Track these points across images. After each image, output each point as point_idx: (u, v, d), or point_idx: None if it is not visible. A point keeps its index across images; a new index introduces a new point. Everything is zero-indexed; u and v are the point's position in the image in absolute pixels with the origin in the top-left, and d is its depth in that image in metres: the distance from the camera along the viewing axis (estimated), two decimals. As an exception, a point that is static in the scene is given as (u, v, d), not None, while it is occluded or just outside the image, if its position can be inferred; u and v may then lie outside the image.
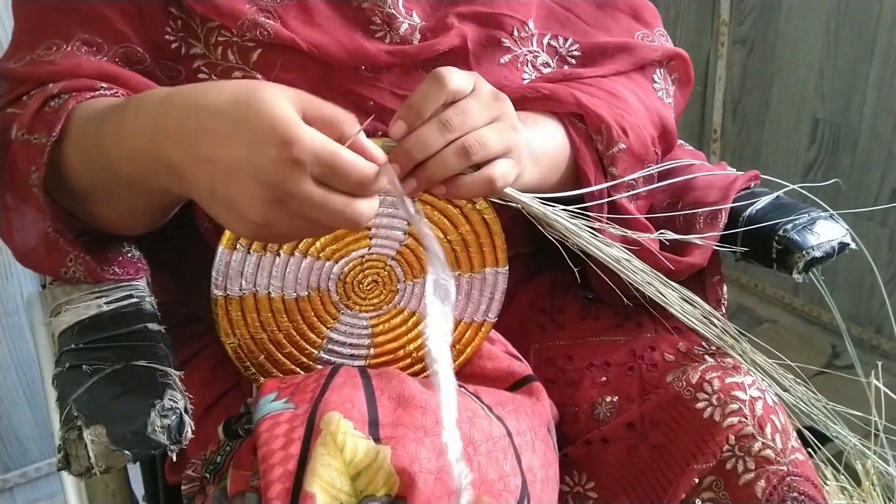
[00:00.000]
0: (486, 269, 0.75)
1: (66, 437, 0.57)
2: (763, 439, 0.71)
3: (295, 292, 0.68)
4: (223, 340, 0.69)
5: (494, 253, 0.74)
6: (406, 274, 0.72)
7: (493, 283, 0.75)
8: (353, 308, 0.72)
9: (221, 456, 0.71)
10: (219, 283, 0.66)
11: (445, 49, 0.78)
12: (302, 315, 0.70)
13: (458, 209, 0.71)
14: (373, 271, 0.71)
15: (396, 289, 0.73)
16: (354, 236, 0.69)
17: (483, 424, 0.65)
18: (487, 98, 0.65)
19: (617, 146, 0.79)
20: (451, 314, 0.59)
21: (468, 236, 0.72)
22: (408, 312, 0.74)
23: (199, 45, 0.75)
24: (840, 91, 1.82)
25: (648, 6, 0.93)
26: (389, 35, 0.78)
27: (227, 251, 0.65)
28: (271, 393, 0.66)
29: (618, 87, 0.84)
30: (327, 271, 0.69)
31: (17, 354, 1.53)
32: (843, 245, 0.83)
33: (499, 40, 0.82)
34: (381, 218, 0.69)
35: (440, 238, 0.71)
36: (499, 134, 0.64)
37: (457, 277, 0.74)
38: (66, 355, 0.63)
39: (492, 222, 0.73)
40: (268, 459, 0.60)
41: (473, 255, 0.74)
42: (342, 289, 0.70)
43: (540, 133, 0.76)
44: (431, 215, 0.70)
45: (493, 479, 0.62)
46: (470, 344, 0.77)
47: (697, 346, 0.81)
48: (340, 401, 0.62)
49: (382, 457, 0.59)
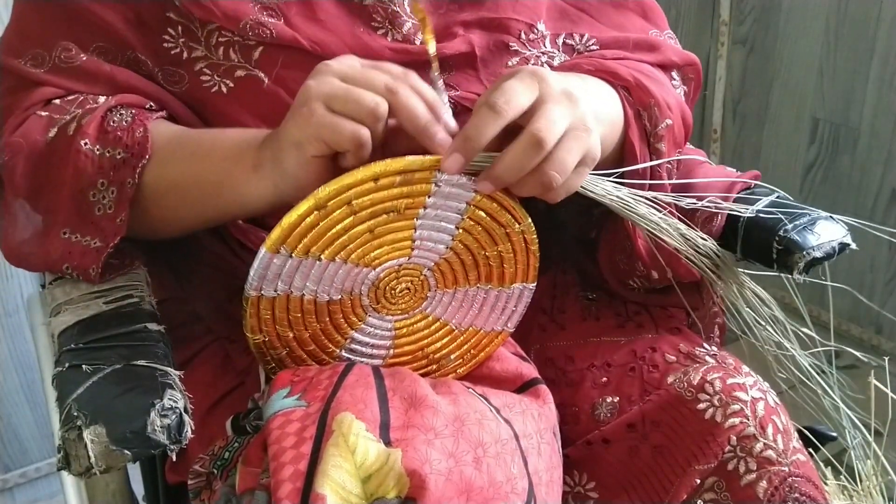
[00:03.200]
0: (516, 284, 0.74)
1: (66, 437, 0.57)
2: (764, 440, 0.71)
3: (328, 296, 0.68)
4: (248, 336, 0.68)
5: (527, 270, 0.74)
6: (439, 283, 0.72)
7: (519, 297, 0.75)
8: (380, 311, 0.71)
9: (230, 452, 0.71)
10: (255, 285, 0.65)
11: (452, 53, 0.78)
12: (330, 316, 0.69)
13: (503, 227, 0.70)
14: (407, 279, 0.70)
15: (426, 296, 0.72)
16: (397, 245, 0.68)
17: (492, 426, 0.65)
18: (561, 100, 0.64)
19: (665, 122, 0.79)
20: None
21: (506, 254, 0.72)
22: (432, 318, 0.74)
23: (201, 48, 0.75)
24: (840, 91, 1.82)
25: (656, 8, 0.93)
26: (392, 33, 0.78)
27: (270, 255, 0.64)
28: (284, 388, 0.66)
29: (652, 70, 0.84)
30: (363, 277, 0.68)
31: (17, 354, 1.53)
32: (843, 245, 0.83)
33: (506, 44, 0.82)
34: (426, 231, 0.68)
35: (479, 253, 0.71)
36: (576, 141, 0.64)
37: (486, 290, 0.73)
38: (66, 355, 0.63)
39: (531, 242, 0.72)
40: (279, 458, 0.60)
41: (507, 270, 0.73)
42: (374, 293, 0.70)
43: (600, 96, 0.76)
44: (476, 231, 0.69)
45: (501, 481, 0.62)
46: (485, 350, 0.77)
47: (699, 347, 0.81)
48: (353, 401, 0.62)
49: (393, 460, 0.58)
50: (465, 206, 0.67)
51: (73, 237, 0.71)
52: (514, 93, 0.62)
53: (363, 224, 0.65)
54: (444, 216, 0.67)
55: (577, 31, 0.86)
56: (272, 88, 0.75)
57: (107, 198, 0.70)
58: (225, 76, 0.75)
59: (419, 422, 0.62)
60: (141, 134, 0.71)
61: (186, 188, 0.71)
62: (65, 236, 0.71)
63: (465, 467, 0.60)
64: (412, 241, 0.68)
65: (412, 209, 0.65)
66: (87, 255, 0.71)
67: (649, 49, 0.87)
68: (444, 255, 0.70)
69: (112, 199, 0.70)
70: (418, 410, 0.63)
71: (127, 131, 0.71)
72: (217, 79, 0.75)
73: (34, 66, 0.75)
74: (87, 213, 0.70)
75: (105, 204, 0.70)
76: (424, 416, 0.62)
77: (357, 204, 0.63)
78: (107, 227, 0.70)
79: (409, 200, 0.65)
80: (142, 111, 0.73)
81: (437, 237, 0.68)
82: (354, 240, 0.65)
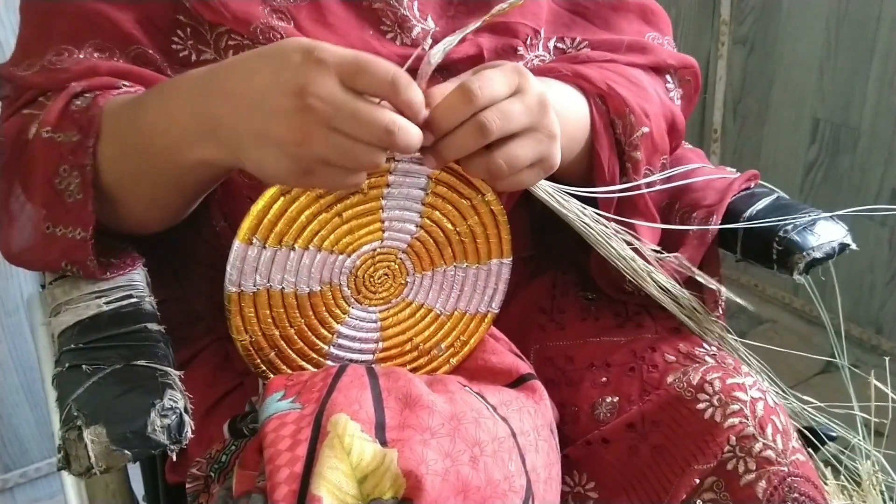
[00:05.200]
0: (492, 259, 0.76)
1: (66, 437, 0.57)
2: (764, 440, 0.71)
3: (308, 287, 0.69)
4: (235, 338, 0.68)
5: (500, 244, 0.75)
6: (416, 266, 0.73)
7: (498, 273, 0.77)
8: (363, 302, 0.72)
9: (227, 455, 0.71)
10: (233, 279, 0.66)
11: (461, 56, 0.78)
12: (314, 310, 0.70)
13: (468, 201, 0.72)
14: (384, 264, 0.72)
15: (406, 281, 0.73)
16: (368, 229, 0.69)
17: (488, 425, 0.65)
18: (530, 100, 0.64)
19: (640, 130, 0.79)
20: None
21: (476, 228, 0.73)
22: (416, 305, 0.75)
23: (210, 51, 0.75)
24: (840, 91, 1.82)
25: (660, 12, 0.92)
26: (400, 37, 0.78)
27: (244, 246, 0.65)
28: (277, 392, 0.66)
29: (637, 74, 0.84)
30: (340, 265, 0.70)
31: (17, 354, 1.53)
32: (843, 245, 0.83)
33: (514, 48, 0.82)
34: (393, 210, 0.69)
35: (449, 230, 0.72)
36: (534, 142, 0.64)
37: (464, 269, 0.75)
38: (66, 355, 0.63)
39: (499, 213, 0.74)
40: (274, 460, 0.60)
41: (480, 246, 0.75)
42: (353, 283, 0.71)
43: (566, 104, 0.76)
44: (442, 207, 0.71)
45: (499, 480, 0.62)
46: (474, 335, 0.78)
47: (698, 347, 0.81)
48: (348, 402, 0.62)
49: (389, 460, 0.59)
50: (427, 181, 0.69)
51: (56, 230, 0.69)
52: (491, 82, 0.62)
53: (331, 210, 0.67)
54: (407, 193, 0.69)
55: (570, 35, 0.86)
56: None
57: (72, 184, 0.67)
58: None
59: (415, 422, 0.62)
60: (92, 112, 0.67)
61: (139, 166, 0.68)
62: (49, 231, 0.69)
63: (462, 467, 0.61)
64: (381, 223, 0.70)
65: (375, 188, 0.68)
66: (77, 248, 0.69)
67: (641, 51, 0.87)
68: (415, 234, 0.72)
69: (77, 185, 0.67)
70: (413, 410, 0.63)
71: (82, 112, 0.68)
72: None
73: (25, 71, 0.74)
74: (60, 203, 0.68)
75: (72, 190, 0.68)
76: (420, 416, 0.62)
77: None
78: (82, 214, 0.68)
79: (371, 180, 0.67)
80: (106, 91, 0.70)
81: (405, 217, 0.70)
82: (324, 225, 0.67)
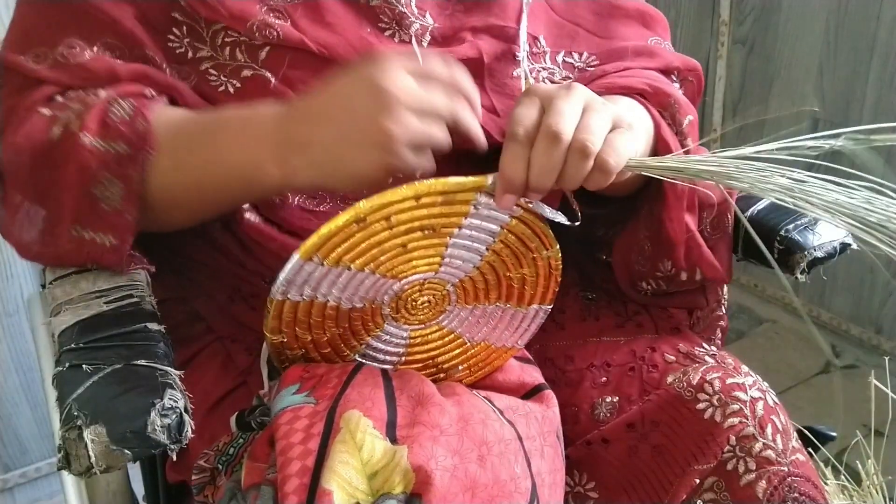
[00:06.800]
0: (533, 305, 0.75)
1: (67, 437, 0.57)
2: (764, 440, 0.71)
3: (351, 303, 0.68)
4: (268, 336, 0.68)
5: (546, 293, 0.74)
6: (459, 299, 0.72)
7: (534, 317, 0.76)
8: (399, 321, 0.71)
9: (234, 448, 0.71)
10: (282, 289, 0.65)
11: (460, 58, 0.77)
12: (350, 323, 0.70)
13: (531, 252, 0.70)
14: (430, 293, 0.70)
15: (445, 309, 0.72)
16: (427, 261, 0.68)
17: (495, 426, 0.65)
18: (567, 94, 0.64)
19: (686, 118, 0.78)
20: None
21: (529, 278, 0.72)
22: (447, 331, 0.74)
23: (206, 48, 0.75)
24: (840, 91, 1.82)
25: (660, 18, 0.92)
26: (399, 34, 0.78)
27: (302, 262, 0.63)
28: (293, 384, 0.66)
29: (656, 75, 0.84)
30: (388, 287, 0.68)
31: (17, 354, 1.53)
32: (844, 245, 0.83)
33: (514, 54, 0.81)
34: (457, 249, 0.68)
35: (503, 275, 0.71)
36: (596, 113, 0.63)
37: (503, 309, 0.74)
38: (66, 355, 0.63)
39: (555, 268, 0.72)
40: (286, 453, 0.60)
41: (527, 292, 0.73)
42: (395, 304, 0.70)
43: (623, 105, 0.75)
44: (506, 254, 0.70)
45: (506, 480, 0.62)
46: (491, 364, 0.77)
47: (698, 347, 0.81)
48: (361, 399, 0.63)
49: (399, 456, 0.59)
50: (499, 230, 0.67)
51: (84, 234, 0.69)
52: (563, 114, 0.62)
53: (398, 239, 0.65)
54: (477, 237, 0.67)
55: (576, 49, 0.86)
56: (280, 88, 0.74)
57: (112, 193, 0.68)
58: (231, 76, 0.74)
59: (426, 419, 0.62)
60: (143, 126, 0.68)
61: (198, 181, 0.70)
62: (75, 234, 0.70)
63: (470, 465, 0.61)
64: (442, 258, 0.68)
65: (448, 228, 0.66)
66: (108, 252, 0.69)
67: (649, 55, 0.86)
68: (470, 273, 0.70)
69: (119, 194, 0.68)
70: (425, 408, 0.63)
71: (128, 124, 0.69)
72: (223, 79, 0.74)
73: (36, 63, 0.74)
74: (94, 209, 0.69)
75: (110, 198, 0.68)
76: (431, 413, 0.63)
77: (395, 220, 0.63)
78: (117, 223, 0.69)
79: (446, 220, 0.65)
80: (141, 100, 0.71)
81: (467, 256, 0.69)
82: (386, 252, 0.65)
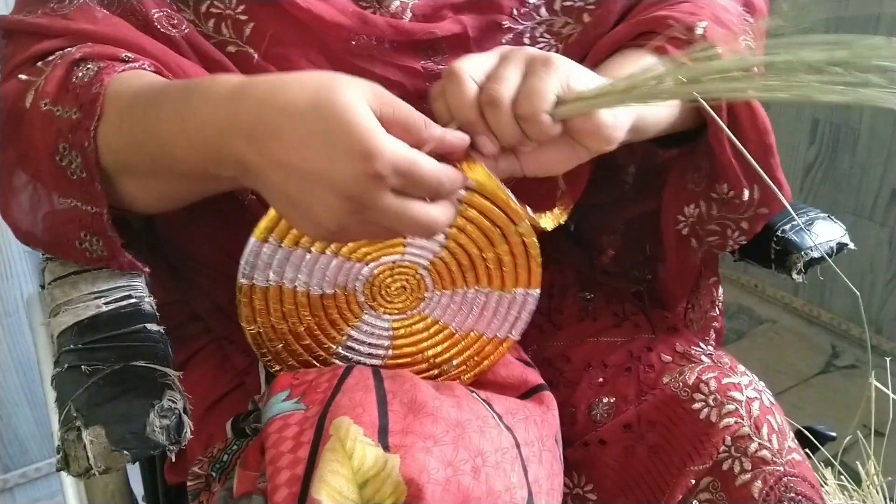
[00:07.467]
0: (517, 289, 0.73)
1: (65, 438, 0.57)
2: (759, 440, 0.71)
3: (321, 289, 0.68)
4: (244, 326, 0.68)
5: (529, 275, 0.73)
6: (435, 284, 0.71)
7: (522, 303, 0.74)
8: (377, 309, 0.71)
9: (228, 454, 0.71)
10: (246, 273, 0.65)
11: (444, 35, 0.76)
12: (325, 311, 0.70)
13: (499, 229, 0.69)
14: (402, 277, 0.70)
15: (423, 296, 0.72)
16: (389, 242, 0.68)
17: (493, 434, 0.64)
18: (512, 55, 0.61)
19: (699, 27, 0.72)
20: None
21: (504, 257, 0.71)
22: (431, 320, 0.74)
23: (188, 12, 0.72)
24: (840, 91, 1.82)
25: None
26: (378, 11, 0.75)
27: (259, 243, 0.64)
28: (283, 391, 0.66)
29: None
30: (356, 272, 0.68)
31: (17, 354, 1.54)
32: (841, 245, 0.83)
33: (499, 24, 0.78)
34: None
35: (475, 254, 0.70)
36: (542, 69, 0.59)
37: (486, 294, 0.73)
38: (66, 356, 0.63)
39: (530, 246, 0.71)
40: (275, 462, 0.60)
41: (507, 274, 0.72)
42: (369, 290, 0.70)
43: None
44: (471, 231, 0.69)
45: (500, 491, 0.61)
46: (488, 357, 0.77)
47: (694, 347, 0.81)
48: (351, 405, 0.62)
49: (391, 466, 0.58)
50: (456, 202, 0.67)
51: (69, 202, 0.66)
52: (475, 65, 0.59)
53: None
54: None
55: None
56: (262, 64, 0.73)
57: (74, 162, 0.64)
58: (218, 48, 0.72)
59: (418, 428, 0.61)
60: (96, 90, 0.63)
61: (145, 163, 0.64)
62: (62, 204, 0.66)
63: (464, 476, 0.60)
64: (403, 238, 0.68)
65: None
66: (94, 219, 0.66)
67: None
68: (438, 254, 0.70)
69: (79, 164, 0.64)
70: (417, 417, 0.62)
71: (85, 87, 0.63)
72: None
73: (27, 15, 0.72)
74: (65, 178, 0.65)
75: (74, 169, 0.64)
76: (424, 423, 0.62)
77: None
78: (90, 191, 0.64)
79: None
80: (111, 64, 0.65)
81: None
82: None
